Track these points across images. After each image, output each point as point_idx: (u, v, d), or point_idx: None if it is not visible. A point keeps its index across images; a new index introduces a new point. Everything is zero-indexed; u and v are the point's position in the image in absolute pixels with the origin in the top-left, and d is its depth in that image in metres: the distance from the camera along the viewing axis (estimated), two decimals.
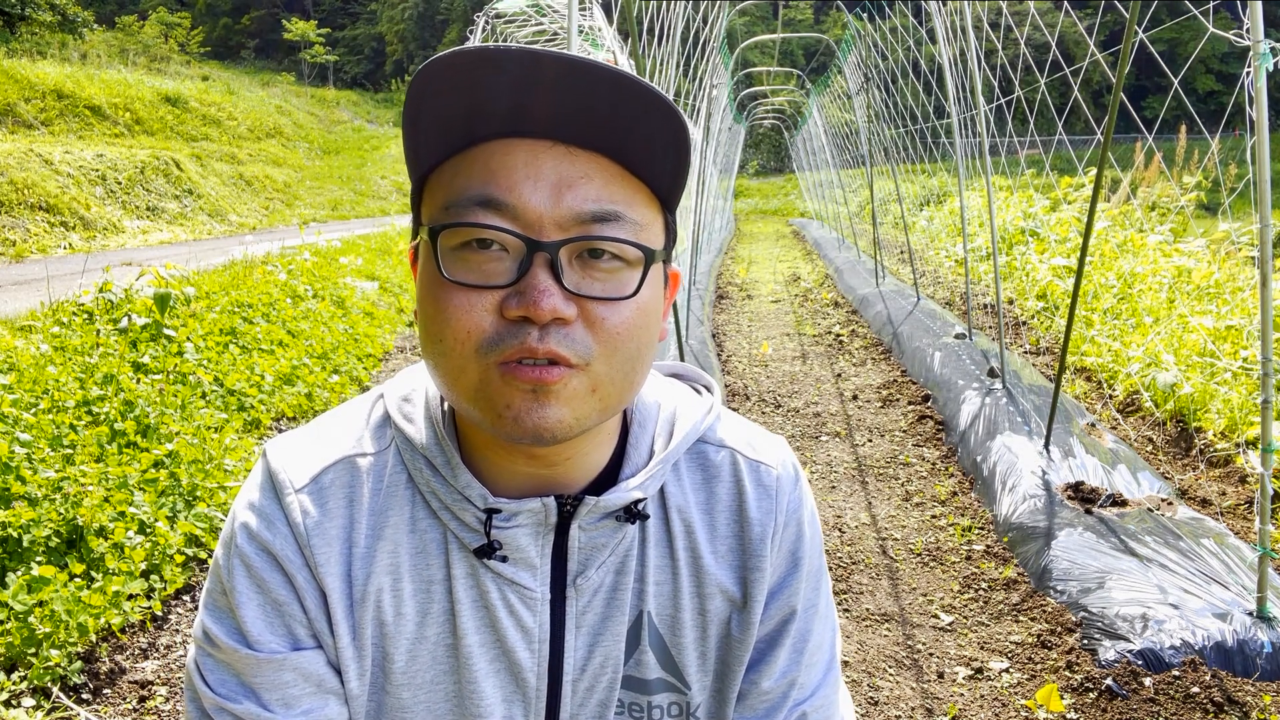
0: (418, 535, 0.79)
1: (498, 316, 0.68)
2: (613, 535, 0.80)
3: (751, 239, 21.01)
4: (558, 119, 0.68)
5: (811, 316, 9.49)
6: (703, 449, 0.86)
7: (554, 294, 0.67)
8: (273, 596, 0.76)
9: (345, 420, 0.84)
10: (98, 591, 2.85)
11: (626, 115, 0.68)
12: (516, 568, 0.78)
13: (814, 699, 0.87)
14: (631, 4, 3.29)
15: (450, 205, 0.69)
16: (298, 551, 0.77)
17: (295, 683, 0.76)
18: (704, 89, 8.67)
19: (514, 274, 0.68)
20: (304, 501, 0.77)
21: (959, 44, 5.61)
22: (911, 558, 3.62)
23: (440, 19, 61.48)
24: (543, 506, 0.77)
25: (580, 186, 0.68)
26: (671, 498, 0.84)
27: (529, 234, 0.67)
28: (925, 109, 9.32)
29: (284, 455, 0.80)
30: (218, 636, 0.76)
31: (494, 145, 0.69)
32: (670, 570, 0.83)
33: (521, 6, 6.34)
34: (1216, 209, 10.00)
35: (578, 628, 0.81)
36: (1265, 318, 2.61)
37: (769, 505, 0.85)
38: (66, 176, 13.43)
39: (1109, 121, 3.33)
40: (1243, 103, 2.69)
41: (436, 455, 0.78)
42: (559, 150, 0.69)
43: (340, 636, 0.77)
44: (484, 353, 0.68)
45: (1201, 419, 4.72)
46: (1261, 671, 2.59)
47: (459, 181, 0.70)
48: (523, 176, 0.68)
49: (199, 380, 4.82)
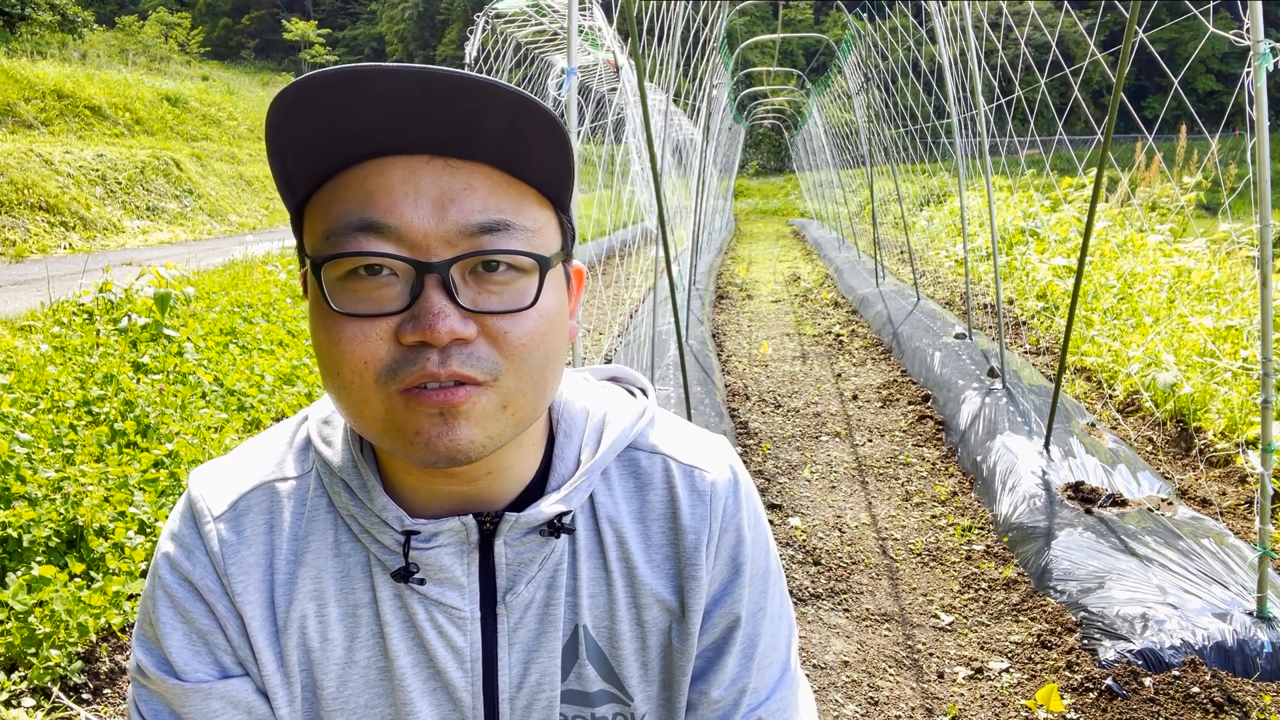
0: (341, 559, 0.78)
1: (394, 343, 0.66)
2: (540, 550, 0.78)
3: (751, 239, 21.02)
4: (428, 132, 0.65)
5: (811, 316, 9.49)
6: (634, 455, 0.84)
7: (450, 315, 0.65)
8: (196, 626, 0.76)
9: (268, 445, 0.83)
10: (98, 591, 2.85)
11: (494, 119, 0.65)
12: (443, 588, 0.77)
13: (769, 703, 0.85)
14: (631, 4, 3.29)
15: (330, 234, 0.66)
16: (216, 580, 0.76)
17: (224, 711, 0.76)
18: (704, 89, 8.67)
19: (406, 298, 0.66)
20: (221, 529, 0.76)
21: (959, 44, 5.62)
22: (911, 558, 3.62)
23: (440, 19, 61.49)
24: (462, 526, 0.75)
25: (464, 199, 0.66)
26: (602, 508, 0.82)
27: (416, 255, 0.65)
28: (925, 109, 9.32)
29: (204, 483, 0.79)
30: (147, 667, 0.76)
31: (369, 166, 0.66)
32: (604, 582, 0.81)
33: (521, 6, 6.34)
34: (1216, 209, 10.00)
35: (510, 645, 0.79)
36: (1265, 318, 2.61)
37: (703, 512, 0.82)
38: (66, 176, 13.43)
39: (1109, 121, 3.33)
40: (1243, 103, 2.69)
41: (353, 478, 0.77)
42: (437, 164, 0.66)
43: (265, 664, 0.76)
44: (384, 382, 0.66)
45: (1201, 419, 4.72)
46: (1261, 671, 2.59)
47: (336, 207, 0.67)
48: (402, 195, 0.65)
49: (199, 380, 4.82)
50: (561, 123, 0.69)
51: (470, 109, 0.64)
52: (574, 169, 0.73)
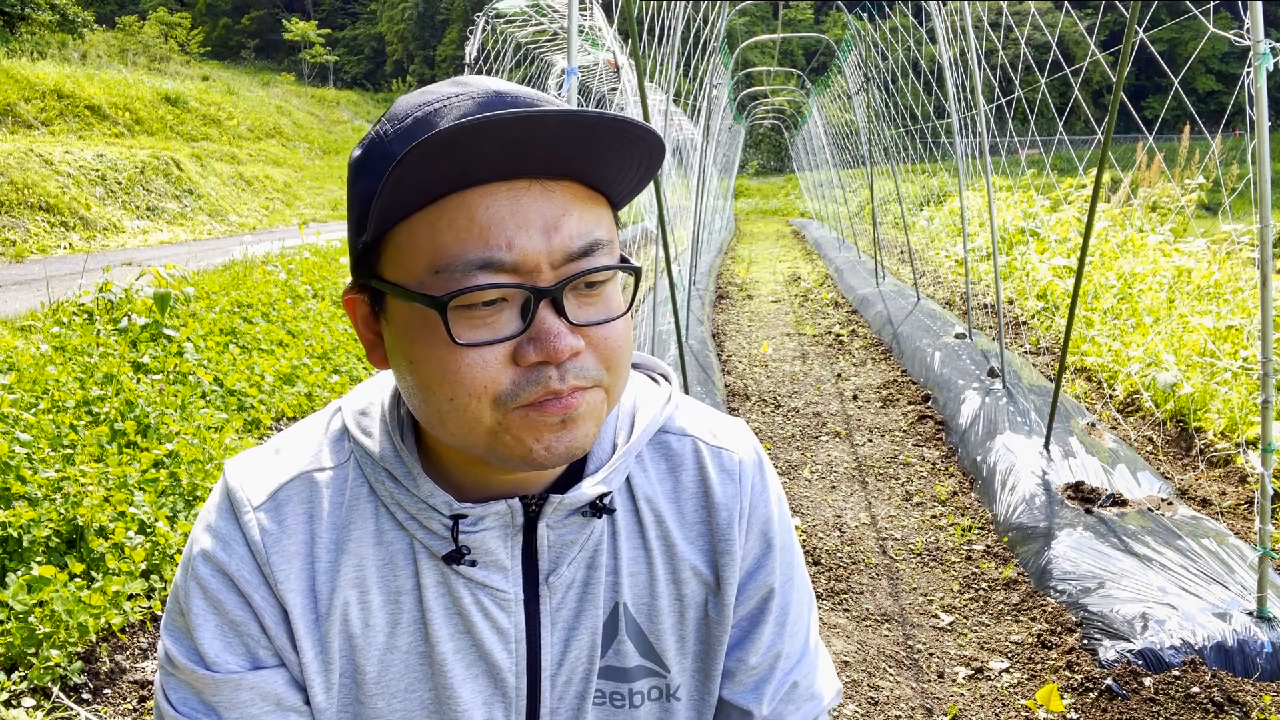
0: (384, 547, 0.80)
1: (512, 366, 0.69)
2: (581, 531, 0.82)
3: (751, 239, 21.01)
4: (537, 163, 0.68)
5: (811, 316, 9.49)
6: (664, 439, 0.88)
7: (565, 334, 0.69)
8: (230, 618, 0.77)
9: (303, 436, 0.84)
10: (98, 591, 2.85)
11: (601, 145, 0.68)
12: (488, 571, 0.80)
13: (800, 666, 0.91)
14: (631, 4, 3.29)
15: (443, 269, 0.67)
16: (255, 570, 0.77)
17: (254, 701, 0.77)
18: (704, 89, 8.67)
19: (520, 322, 0.69)
20: (261, 519, 0.78)
21: (959, 44, 5.61)
22: (911, 558, 3.62)
23: (440, 19, 61.49)
24: (508, 508, 0.78)
25: (564, 225, 0.69)
26: (639, 488, 0.86)
27: (530, 282, 0.69)
28: (925, 109, 9.32)
29: (241, 473, 0.81)
30: (177, 658, 0.77)
31: (472, 195, 0.67)
32: (645, 560, 0.85)
33: (521, 6, 6.34)
34: (1217, 209, 10.01)
35: (553, 624, 0.82)
36: (1265, 318, 2.61)
37: (734, 490, 0.87)
38: (66, 176, 13.43)
39: (1109, 121, 3.33)
40: (1243, 103, 2.69)
41: (396, 466, 0.79)
42: (536, 189, 0.69)
43: (305, 652, 0.78)
44: (502, 402, 0.69)
45: (1201, 419, 4.72)
46: (1261, 671, 2.59)
47: (446, 241, 0.67)
48: (514, 227, 0.68)
49: (199, 380, 4.82)
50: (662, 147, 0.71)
51: (585, 145, 0.67)
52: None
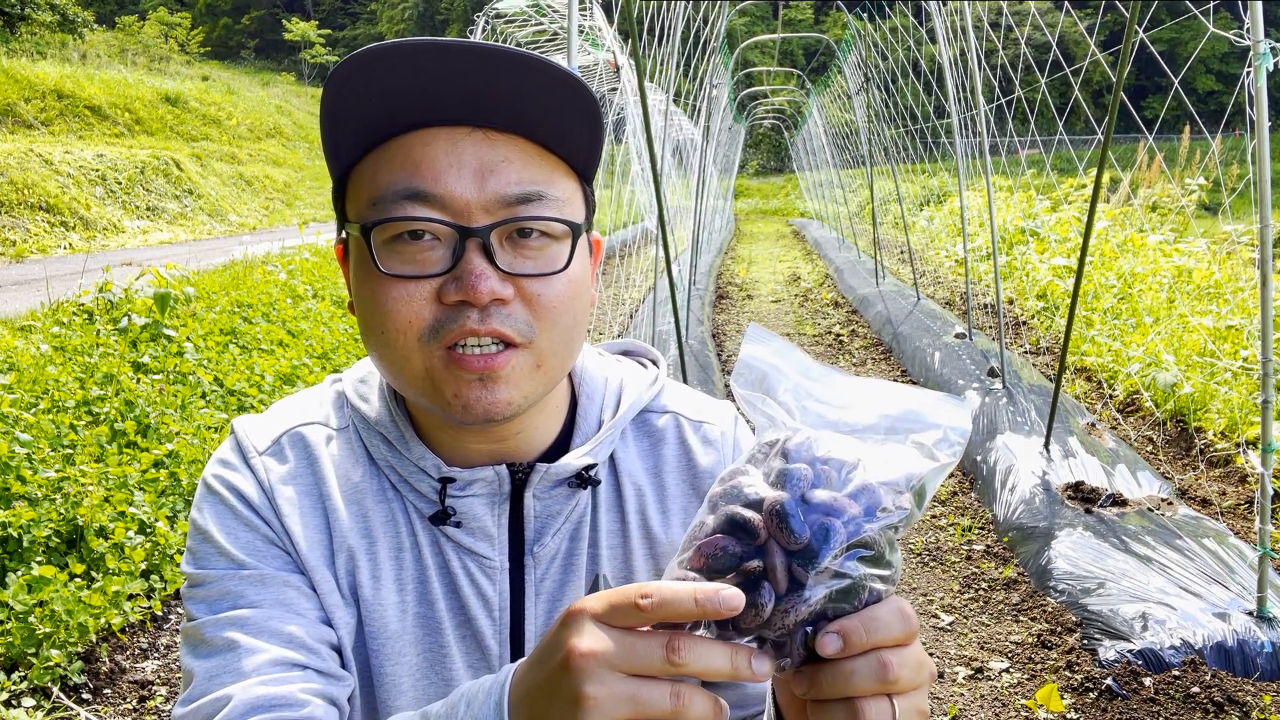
0: (386, 505, 0.82)
1: (436, 303, 0.71)
2: (566, 502, 0.83)
3: (751, 239, 21.01)
4: (471, 105, 0.70)
5: (811, 316, 9.49)
6: (647, 417, 0.90)
7: (490, 276, 0.69)
8: (260, 532, 0.79)
9: (305, 398, 0.88)
10: (98, 591, 2.85)
11: (536, 95, 0.70)
12: (474, 537, 0.81)
13: None
14: (631, 4, 3.29)
15: (377, 201, 0.71)
16: (267, 504, 0.80)
17: (297, 600, 0.78)
18: (704, 89, 8.67)
19: (448, 261, 0.70)
20: (268, 462, 0.81)
21: (959, 44, 5.61)
22: (911, 557, 3.62)
23: (440, 19, 61.51)
24: (495, 475, 0.80)
25: (502, 170, 0.71)
26: (621, 463, 0.87)
27: (459, 221, 0.70)
28: (925, 109, 9.31)
29: (248, 425, 0.85)
30: (208, 572, 0.77)
31: (412, 137, 0.71)
32: (621, 534, 0.86)
33: (521, 6, 6.33)
34: (1217, 209, 10.00)
35: (537, 595, 0.84)
36: (1265, 318, 2.61)
37: (716, 456, 0.88)
38: (66, 176, 13.43)
39: (1109, 121, 3.33)
40: (1243, 103, 2.69)
41: (390, 430, 0.81)
42: (477, 135, 0.71)
43: (320, 583, 0.79)
44: (426, 340, 0.71)
45: (1201, 419, 4.72)
46: (1261, 671, 2.59)
47: (383, 176, 0.71)
48: (445, 165, 0.70)
49: (199, 380, 4.82)
50: (598, 106, 0.73)
51: (517, 87, 0.69)
52: (602, 147, 0.78)
